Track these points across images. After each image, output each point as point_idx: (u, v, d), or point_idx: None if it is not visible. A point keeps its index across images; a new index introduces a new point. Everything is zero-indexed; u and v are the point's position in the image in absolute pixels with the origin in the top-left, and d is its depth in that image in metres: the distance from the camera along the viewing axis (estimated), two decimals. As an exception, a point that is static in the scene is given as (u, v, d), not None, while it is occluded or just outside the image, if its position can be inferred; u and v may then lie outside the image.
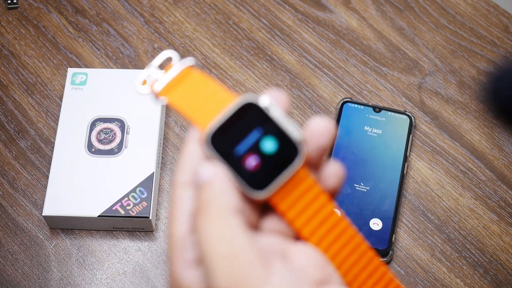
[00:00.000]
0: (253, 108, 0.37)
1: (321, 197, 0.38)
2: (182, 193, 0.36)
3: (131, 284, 0.70)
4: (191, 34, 0.85)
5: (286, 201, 0.38)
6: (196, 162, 0.36)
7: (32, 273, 0.71)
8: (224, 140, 0.36)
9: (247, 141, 0.36)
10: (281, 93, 0.38)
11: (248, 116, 0.37)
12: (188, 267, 0.35)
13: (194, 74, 0.40)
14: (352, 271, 0.39)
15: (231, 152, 0.36)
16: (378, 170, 0.75)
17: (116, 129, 0.75)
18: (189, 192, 0.36)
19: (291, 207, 0.38)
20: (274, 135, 0.37)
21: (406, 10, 0.87)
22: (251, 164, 0.36)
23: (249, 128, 0.37)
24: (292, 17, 0.86)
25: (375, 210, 0.73)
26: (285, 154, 0.37)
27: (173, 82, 0.40)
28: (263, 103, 0.37)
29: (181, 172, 0.36)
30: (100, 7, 0.86)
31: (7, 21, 0.85)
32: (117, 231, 0.73)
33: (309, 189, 0.38)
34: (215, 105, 0.37)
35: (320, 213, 0.38)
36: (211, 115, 0.37)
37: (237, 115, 0.37)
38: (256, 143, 0.36)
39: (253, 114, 0.37)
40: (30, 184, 0.75)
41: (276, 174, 0.37)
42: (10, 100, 0.80)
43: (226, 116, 0.37)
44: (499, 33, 0.85)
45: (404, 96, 0.81)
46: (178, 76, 0.40)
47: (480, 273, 0.71)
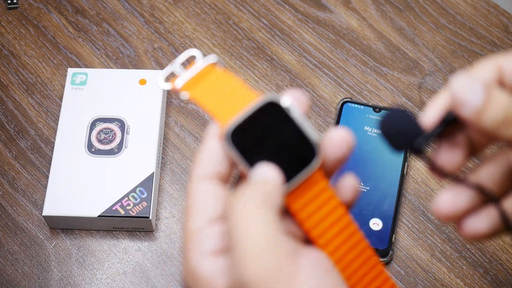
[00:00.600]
0: (275, 107, 0.37)
1: (333, 201, 0.38)
2: (199, 186, 0.36)
3: (131, 284, 0.70)
4: (191, 34, 0.85)
5: (299, 201, 0.38)
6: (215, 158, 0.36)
7: (32, 273, 0.71)
8: (244, 137, 0.36)
9: (266, 140, 0.37)
10: (302, 94, 0.38)
11: (269, 115, 0.37)
12: (206, 257, 0.35)
13: (217, 71, 0.40)
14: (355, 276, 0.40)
15: (250, 149, 0.36)
16: (378, 170, 0.75)
17: (116, 129, 0.75)
18: (206, 186, 0.36)
19: (304, 208, 0.38)
20: (293, 136, 0.37)
21: (406, 10, 0.87)
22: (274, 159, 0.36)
23: (270, 127, 0.37)
24: (292, 17, 0.86)
25: (375, 210, 0.73)
26: (303, 156, 0.37)
27: (196, 78, 0.40)
28: (284, 103, 0.37)
29: (199, 166, 0.36)
30: (100, 7, 0.86)
31: (7, 21, 0.85)
32: (117, 231, 0.73)
33: (322, 191, 0.38)
34: (237, 102, 0.37)
35: (330, 216, 0.39)
36: (232, 112, 0.37)
37: (258, 113, 0.37)
38: (275, 142, 0.37)
39: (274, 114, 0.37)
40: (30, 184, 0.75)
41: (293, 174, 0.37)
42: (10, 100, 0.80)
43: (247, 114, 0.37)
44: (499, 33, 0.85)
45: (404, 96, 0.81)
46: (201, 72, 0.40)
47: (480, 273, 0.71)
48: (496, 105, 0.35)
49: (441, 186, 0.75)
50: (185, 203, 0.37)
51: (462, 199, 0.38)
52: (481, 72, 0.38)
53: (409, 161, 0.76)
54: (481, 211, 0.39)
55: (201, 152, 0.37)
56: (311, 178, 0.38)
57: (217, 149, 0.37)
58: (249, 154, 0.37)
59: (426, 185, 0.76)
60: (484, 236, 0.39)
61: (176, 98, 0.80)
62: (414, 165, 0.76)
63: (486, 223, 0.39)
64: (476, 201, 0.39)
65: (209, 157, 0.36)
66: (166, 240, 0.72)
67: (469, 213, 0.39)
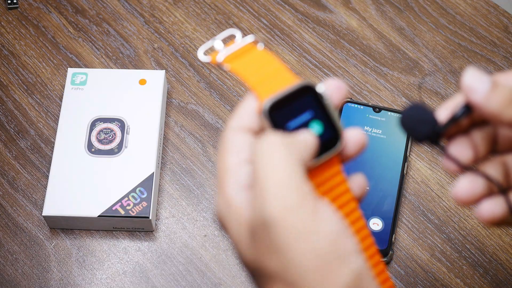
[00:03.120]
0: (310, 92, 0.42)
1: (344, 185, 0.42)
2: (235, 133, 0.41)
3: (131, 284, 0.70)
4: (191, 34, 0.85)
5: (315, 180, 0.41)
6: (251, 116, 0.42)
7: (32, 273, 0.71)
8: (279, 114, 0.41)
9: (298, 119, 0.41)
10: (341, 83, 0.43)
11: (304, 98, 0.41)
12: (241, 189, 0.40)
13: (257, 49, 0.44)
14: None
15: (283, 125, 0.41)
16: (378, 170, 0.75)
17: (116, 129, 0.75)
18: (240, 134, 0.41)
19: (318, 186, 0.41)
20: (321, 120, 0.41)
21: (406, 10, 0.87)
22: None
23: (303, 108, 0.41)
24: (292, 17, 0.86)
25: (375, 210, 0.73)
26: (327, 139, 0.41)
27: (237, 54, 0.44)
28: (319, 89, 0.42)
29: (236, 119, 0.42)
30: (100, 7, 0.86)
31: (7, 21, 0.85)
32: (117, 231, 0.73)
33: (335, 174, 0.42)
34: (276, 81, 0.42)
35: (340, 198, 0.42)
36: (271, 89, 0.41)
37: (295, 94, 0.41)
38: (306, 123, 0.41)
39: (309, 98, 0.41)
40: (30, 184, 0.75)
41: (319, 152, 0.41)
42: (10, 100, 0.80)
43: (285, 93, 0.41)
44: (499, 33, 0.85)
45: (404, 96, 0.81)
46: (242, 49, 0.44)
47: (480, 273, 0.71)
48: (500, 90, 0.40)
49: (441, 186, 0.75)
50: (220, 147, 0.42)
51: (478, 185, 0.43)
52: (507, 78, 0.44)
53: (409, 161, 0.76)
54: (497, 197, 0.43)
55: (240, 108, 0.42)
56: (330, 161, 0.42)
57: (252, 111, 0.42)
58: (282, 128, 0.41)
59: (426, 185, 0.76)
60: (499, 220, 0.43)
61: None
62: (414, 165, 0.76)
63: (500, 208, 0.43)
64: (492, 188, 0.43)
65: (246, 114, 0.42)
66: (166, 240, 0.72)
67: (485, 197, 0.43)
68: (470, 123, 0.44)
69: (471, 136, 0.44)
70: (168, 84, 0.81)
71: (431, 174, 0.76)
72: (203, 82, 0.82)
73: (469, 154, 0.44)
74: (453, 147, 0.44)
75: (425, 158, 0.77)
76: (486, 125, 0.44)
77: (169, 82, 0.81)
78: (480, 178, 0.43)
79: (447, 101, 0.44)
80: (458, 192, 0.43)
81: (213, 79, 0.82)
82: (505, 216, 0.43)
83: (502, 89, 0.41)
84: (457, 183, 0.43)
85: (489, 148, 0.45)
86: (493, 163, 0.44)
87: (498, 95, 0.41)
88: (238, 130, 0.42)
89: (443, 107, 0.44)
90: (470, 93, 0.41)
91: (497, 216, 0.43)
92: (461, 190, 0.43)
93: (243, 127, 0.42)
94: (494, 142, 0.45)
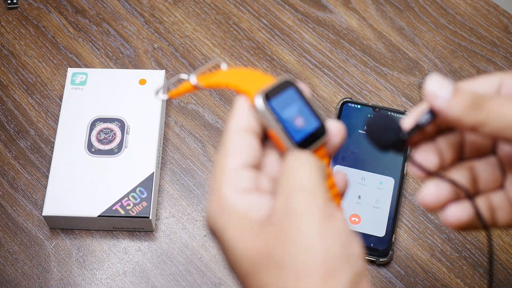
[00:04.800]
0: (292, 86, 0.44)
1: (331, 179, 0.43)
2: (236, 135, 0.42)
3: (131, 284, 0.70)
4: (191, 34, 0.85)
5: None
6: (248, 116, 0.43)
7: (32, 273, 0.71)
8: (272, 104, 0.42)
9: (291, 109, 0.43)
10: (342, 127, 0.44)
11: (288, 92, 0.43)
12: (241, 193, 0.41)
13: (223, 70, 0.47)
14: None
15: (279, 114, 0.42)
16: (378, 170, 0.75)
17: (116, 129, 0.75)
18: (242, 136, 0.42)
19: None
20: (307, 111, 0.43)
21: (406, 10, 0.87)
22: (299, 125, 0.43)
23: (290, 101, 0.43)
24: (292, 17, 0.86)
25: (375, 210, 0.73)
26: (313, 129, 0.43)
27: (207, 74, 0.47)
28: (300, 85, 0.44)
29: (234, 121, 0.42)
30: (100, 7, 0.86)
31: (7, 21, 0.85)
32: (117, 231, 0.73)
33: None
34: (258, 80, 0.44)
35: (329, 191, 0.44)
36: (258, 86, 0.43)
37: (280, 87, 0.43)
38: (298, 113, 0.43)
39: (292, 92, 0.43)
40: (30, 184, 0.75)
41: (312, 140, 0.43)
42: (10, 100, 0.80)
43: (274, 85, 0.43)
44: (499, 33, 0.85)
45: (404, 96, 0.81)
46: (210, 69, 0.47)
47: (480, 273, 0.71)
48: (461, 96, 0.42)
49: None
50: (219, 149, 0.42)
51: (444, 190, 0.44)
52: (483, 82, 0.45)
53: (409, 161, 0.76)
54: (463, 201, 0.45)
55: (235, 110, 0.43)
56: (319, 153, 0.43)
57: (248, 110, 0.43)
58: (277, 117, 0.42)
59: (426, 185, 0.75)
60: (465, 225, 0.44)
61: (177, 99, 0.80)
62: (414, 165, 0.76)
63: (466, 212, 0.44)
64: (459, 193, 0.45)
65: (242, 114, 0.43)
66: (166, 240, 0.72)
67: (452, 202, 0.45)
68: (436, 131, 0.46)
69: (437, 143, 0.45)
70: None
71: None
72: (203, 82, 0.82)
73: (435, 160, 0.45)
74: (419, 153, 0.45)
75: (425, 158, 0.77)
76: (452, 132, 0.46)
77: (169, 82, 0.81)
78: (446, 184, 0.44)
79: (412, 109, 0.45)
80: (425, 198, 0.45)
81: (213, 79, 0.82)
82: (471, 221, 0.45)
83: (463, 94, 0.42)
84: (423, 188, 0.45)
85: (456, 154, 0.46)
86: (460, 169, 0.46)
87: (459, 100, 0.42)
88: (239, 131, 0.42)
89: (408, 115, 0.45)
90: (432, 99, 0.42)
91: (463, 221, 0.44)
92: (427, 195, 0.44)
93: (244, 128, 0.42)
94: (460, 148, 0.46)
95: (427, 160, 0.45)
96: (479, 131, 0.42)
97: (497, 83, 0.45)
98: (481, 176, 0.46)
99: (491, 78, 0.45)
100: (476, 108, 0.42)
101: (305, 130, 0.43)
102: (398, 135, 0.44)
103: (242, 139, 0.42)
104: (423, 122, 0.43)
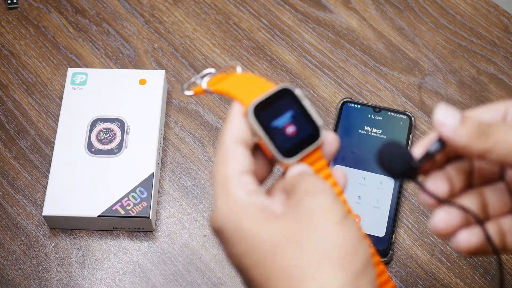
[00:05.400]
0: (289, 93, 0.45)
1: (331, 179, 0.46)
2: (231, 146, 0.45)
3: (131, 284, 0.70)
4: (191, 34, 0.85)
5: None
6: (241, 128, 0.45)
7: (32, 273, 0.71)
8: (264, 114, 0.45)
9: (282, 118, 0.45)
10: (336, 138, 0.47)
11: (284, 99, 0.45)
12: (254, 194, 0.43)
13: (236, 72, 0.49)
14: None
15: (269, 124, 0.45)
16: (378, 169, 0.75)
17: (116, 129, 0.75)
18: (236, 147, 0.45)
19: None
20: (302, 118, 0.45)
21: (406, 10, 0.87)
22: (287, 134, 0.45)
23: (285, 108, 0.45)
24: (292, 17, 0.86)
25: (375, 210, 0.73)
26: (308, 135, 0.45)
27: (218, 78, 0.49)
28: (297, 92, 0.46)
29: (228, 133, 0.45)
30: (100, 7, 0.86)
31: (7, 21, 0.85)
32: (117, 231, 0.73)
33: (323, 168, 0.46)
34: (258, 89, 0.46)
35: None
36: (254, 95, 0.45)
37: (275, 96, 0.45)
38: (289, 121, 0.45)
39: (288, 99, 0.45)
40: (30, 184, 0.75)
41: (301, 148, 0.45)
42: (10, 100, 0.80)
43: (267, 95, 0.45)
44: (499, 33, 0.85)
45: (404, 96, 0.81)
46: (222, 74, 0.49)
47: (480, 273, 0.71)
48: (468, 124, 0.43)
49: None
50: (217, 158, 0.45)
51: (455, 216, 0.46)
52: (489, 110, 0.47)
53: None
54: (473, 227, 0.46)
55: (230, 121, 0.45)
56: (315, 156, 0.45)
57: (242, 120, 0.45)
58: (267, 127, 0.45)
59: (426, 185, 0.75)
60: (475, 250, 0.46)
61: (180, 98, 0.80)
62: (414, 165, 0.76)
63: (476, 237, 0.45)
64: (470, 219, 0.46)
65: (237, 125, 0.45)
66: (166, 240, 0.72)
67: (463, 228, 0.46)
68: (445, 159, 0.47)
69: (447, 170, 0.47)
70: (168, 84, 0.81)
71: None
72: (203, 82, 0.82)
73: (445, 187, 0.46)
74: (430, 181, 0.47)
75: (425, 158, 0.77)
76: (461, 160, 0.47)
77: (169, 82, 0.81)
78: (456, 210, 0.45)
79: (422, 139, 0.47)
80: (436, 225, 0.46)
81: (213, 79, 0.82)
82: (482, 246, 0.46)
83: (470, 122, 0.43)
84: (435, 215, 0.46)
85: (465, 181, 0.47)
86: (470, 195, 0.47)
87: (466, 128, 0.43)
88: (234, 143, 0.45)
89: (418, 144, 0.46)
90: (441, 127, 0.44)
91: (474, 246, 0.45)
92: (439, 222, 0.46)
93: (237, 140, 0.45)
94: (470, 175, 0.47)
95: (437, 188, 0.46)
96: (487, 158, 0.43)
97: (503, 111, 0.47)
98: (490, 201, 0.47)
99: (497, 106, 0.47)
100: (483, 135, 0.43)
101: (295, 138, 0.45)
102: (409, 163, 0.45)
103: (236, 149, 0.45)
104: (433, 150, 0.45)
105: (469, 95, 0.81)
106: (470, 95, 0.81)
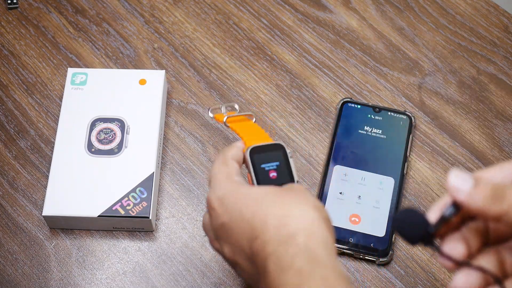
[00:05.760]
0: (282, 149, 0.59)
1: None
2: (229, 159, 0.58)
3: (131, 284, 0.70)
4: (191, 34, 0.85)
5: None
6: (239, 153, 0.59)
7: (32, 273, 0.71)
8: (257, 157, 0.58)
9: (269, 164, 0.58)
10: None
11: (276, 152, 0.59)
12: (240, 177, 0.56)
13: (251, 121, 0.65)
14: None
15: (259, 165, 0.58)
16: (378, 170, 0.75)
17: (116, 129, 0.75)
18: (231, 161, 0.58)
19: None
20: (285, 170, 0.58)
21: (406, 10, 0.87)
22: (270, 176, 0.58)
23: (274, 158, 0.58)
24: (292, 17, 0.86)
25: (375, 210, 0.73)
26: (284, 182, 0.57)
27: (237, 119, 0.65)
28: (288, 150, 0.59)
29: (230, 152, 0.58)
30: (100, 7, 0.86)
31: (7, 21, 0.85)
32: (117, 231, 0.73)
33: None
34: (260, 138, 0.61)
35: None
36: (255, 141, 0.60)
37: (270, 147, 0.59)
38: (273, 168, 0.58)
39: (279, 152, 0.59)
40: (30, 184, 0.75)
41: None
42: (10, 100, 0.80)
43: (263, 144, 0.59)
44: (499, 33, 0.85)
45: (404, 96, 0.81)
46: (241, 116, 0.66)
47: (480, 273, 0.71)
48: (482, 188, 0.44)
49: (441, 186, 0.75)
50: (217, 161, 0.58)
51: (474, 278, 0.46)
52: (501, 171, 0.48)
53: (409, 161, 0.76)
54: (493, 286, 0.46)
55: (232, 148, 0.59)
56: None
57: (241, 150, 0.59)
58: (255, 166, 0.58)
59: (426, 185, 0.76)
60: None
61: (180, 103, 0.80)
62: (414, 165, 0.76)
63: None
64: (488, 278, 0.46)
65: (235, 151, 0.58)
66: (166, 240, 0.72)
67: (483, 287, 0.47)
68: (461, 220, 0.48)
69: (463, 232, 0.47)
70: (168, 84, 0.81)
71: (431, 174, 0.76)
72: (203, 82, 0.82)
73: (462, 249, 0.47)
74: (447, 244, 0.47)
75: (425, 158, 0.77)
76: (476, 220, 0.48)
77: (169, 82, 0.81)
78: (475, 271, 0.46)
79: (436, 202, 0.47)
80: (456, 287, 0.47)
81: (213, 79, 0.82)
82: None
83: (484, 186, 0.44)
84: (455, 279, 0.46)
85: (481, 241, 0.48)
86: (487, 254, 0.47)
87: (480, 192, 0.44)
88: (231, 158, 0.58)
89: (433, 208, 0.47)
90: (455, 192, 0.45)
91: None
92: (460, 285, 0.46)
93: (233, 158, 0.58)
94: (486, 235, 0.48)
95: (455, 251, 0.47)
96: (503, 220, 0.44)
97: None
98: (507, 259, 0.47)
99: (509, 165, 0.48)
100: (498, 199, 0.44)
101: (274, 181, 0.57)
102: (425, 229, 0.46)
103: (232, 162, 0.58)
104: (448, 214, 0.46)
105: (469, 95, 0.81)
106: (470, 95, 0.81)
